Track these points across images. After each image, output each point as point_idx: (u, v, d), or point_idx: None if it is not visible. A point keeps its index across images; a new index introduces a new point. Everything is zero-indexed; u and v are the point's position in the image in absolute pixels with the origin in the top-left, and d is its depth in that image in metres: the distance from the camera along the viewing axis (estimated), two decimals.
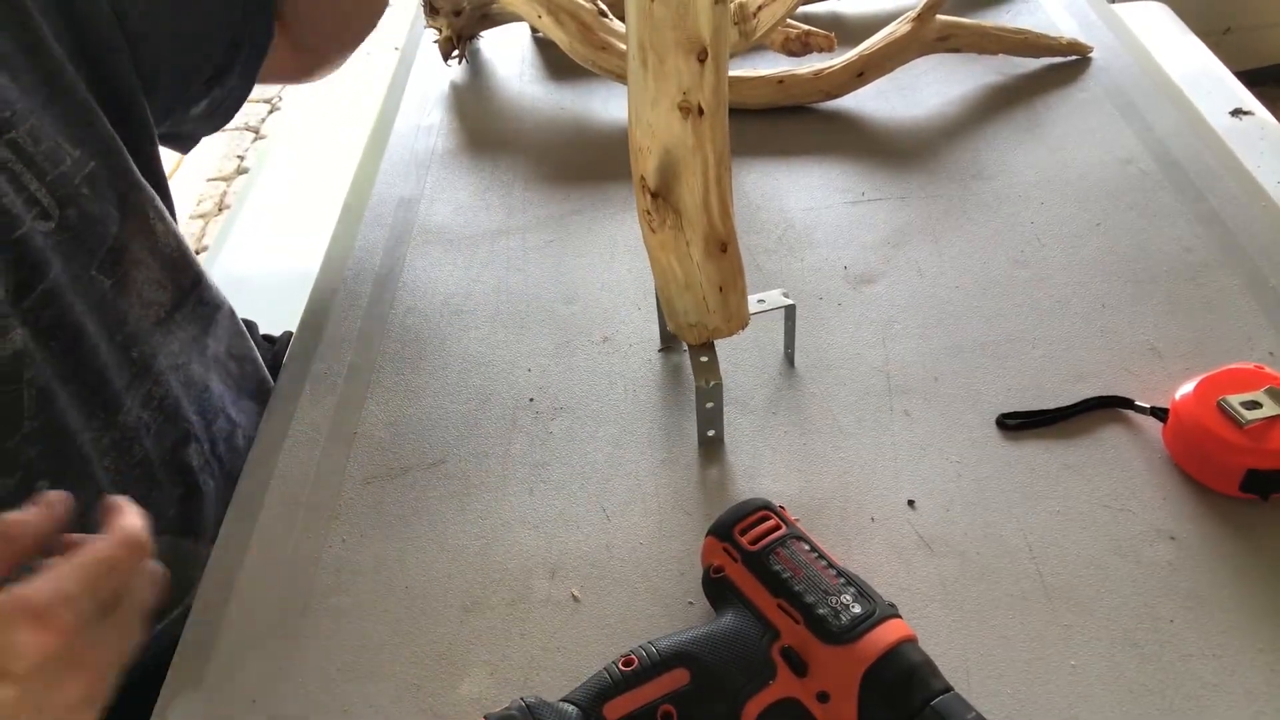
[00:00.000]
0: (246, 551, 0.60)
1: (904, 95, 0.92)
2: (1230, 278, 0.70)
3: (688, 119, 0.51)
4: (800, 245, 0.77)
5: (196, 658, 0.55)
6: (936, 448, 0.61)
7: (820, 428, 0.63)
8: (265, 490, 0.63)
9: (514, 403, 0.67)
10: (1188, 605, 0.52)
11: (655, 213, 0.55)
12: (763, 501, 0.53)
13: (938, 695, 0.43)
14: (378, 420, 0.67)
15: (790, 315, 0.66)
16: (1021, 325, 0.68)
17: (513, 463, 0.63)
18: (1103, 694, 0.49)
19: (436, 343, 0.72)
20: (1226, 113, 0.92)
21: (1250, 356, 0.64)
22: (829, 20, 1.04)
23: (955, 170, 0.83)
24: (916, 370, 0.66)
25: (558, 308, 0.74)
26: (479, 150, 0.93)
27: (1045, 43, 0.93)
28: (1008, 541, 0.56)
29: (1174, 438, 0.59)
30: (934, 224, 0.78)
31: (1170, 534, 0.55)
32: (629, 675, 0.46)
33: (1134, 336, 0.67)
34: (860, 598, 0.47)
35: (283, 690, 0.53)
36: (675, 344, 0.70)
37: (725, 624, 0.48)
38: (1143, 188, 0.79)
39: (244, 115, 2.84)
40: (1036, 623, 0.52)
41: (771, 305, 0.64)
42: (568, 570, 0.57)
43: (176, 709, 0.53)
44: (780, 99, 0.90)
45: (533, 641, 0.54)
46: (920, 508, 0.58)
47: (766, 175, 0.85)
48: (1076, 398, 0.62)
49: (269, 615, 0.56)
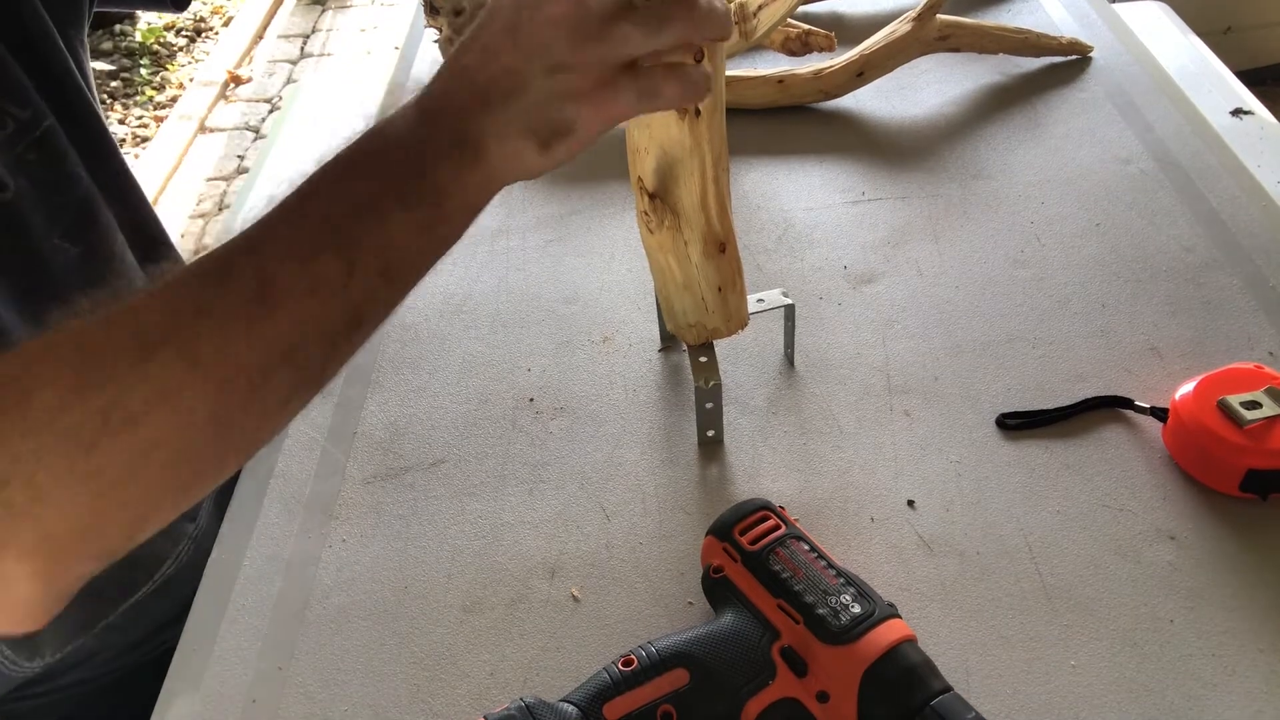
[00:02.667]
0: (246, 551, 0.60)
1: (904, 95, 0.92)
2: (1230, 278, 0.70)
3: (685, 120, 0.51)
4: (800, 245, 0.77)
5: (196, 658, 0.55)
6: (936, 448, 0.61)
7: (820, 428, 0.63)
8: (265, 490, 0.63)
9: (514, 403, 0.67)
10: (1188, 605, 0.52)
11: (653, 213, 0.55)
12: (763, 501, 0.53)
13: (937, 695, 0.43)
14: (378, 420, 0.67)
15: (790, 315, 0.66)
16: (1021, 325, 0.68)
17: (513, 463, 0.63)
18: (1103, 694, 0.49)
19: (436, 343, 0.72)
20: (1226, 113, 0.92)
21: (1250, 356, 0.64)
22: (829, 20, 1.04)
23: (955, 170, 0.83)
24: (916, 370, 0.66)
25: (558, 308, 0.74)
26: None
27: (1045, 43, 0.93)
28: (1008, 541, 0.56)
29: (1174, 437, 0.58)
30: (934, 224, 0.78)
31: (1170, 534, 0.55)
32: (628, 675, 0.46)
33: (1134, 336, 0.67)
34: (860, 598, 0.47)
35: (283, 690, 0.53)
36: (675, 344, 0.70)
37: (725, 624, 0.48)
38: (1143, 188, 0.79)
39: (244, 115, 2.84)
40: (1036, 623, 0.52)
41: (770, 305, 0.64)
42: (567, 570, 0.57)
43: (176, 709, 0.53)
44: (780, 99, 0.90)
45: (532, 641, 0.54)
46: (920, 508, 0.58)
47: (766, 175, 0.85)
48: (1076, 398, 0.62)
49: (269, 615, 0.56)
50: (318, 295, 0.39)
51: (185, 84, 3.01)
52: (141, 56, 3.10)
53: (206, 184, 2.59)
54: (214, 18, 3.34)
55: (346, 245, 0.40)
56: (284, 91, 2.93)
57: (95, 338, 0.37)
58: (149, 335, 0.37)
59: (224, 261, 0.39)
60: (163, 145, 2.68)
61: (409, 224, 0.41)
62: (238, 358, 0.38)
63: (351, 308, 0.40)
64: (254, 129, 2.81)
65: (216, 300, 0.38)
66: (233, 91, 2.98)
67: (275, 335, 0.38)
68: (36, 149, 0.56)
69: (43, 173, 0.56)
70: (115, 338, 0.37)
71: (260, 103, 2.92)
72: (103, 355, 0.36)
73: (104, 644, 0.66)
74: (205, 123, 2.82)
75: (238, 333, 0.38)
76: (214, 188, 2.58)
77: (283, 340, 0.39)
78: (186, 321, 0.37)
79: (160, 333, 0.37)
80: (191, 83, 2.99)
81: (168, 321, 0.37)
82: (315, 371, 0.41)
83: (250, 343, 0.38)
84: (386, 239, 0.41)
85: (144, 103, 2.93)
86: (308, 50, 3.17)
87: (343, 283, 0.40)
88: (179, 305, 0.38)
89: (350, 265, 0.40)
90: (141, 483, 0.37)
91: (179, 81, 3.04)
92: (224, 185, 2.59)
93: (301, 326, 0.39)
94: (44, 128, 0.56)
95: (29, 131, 0.56)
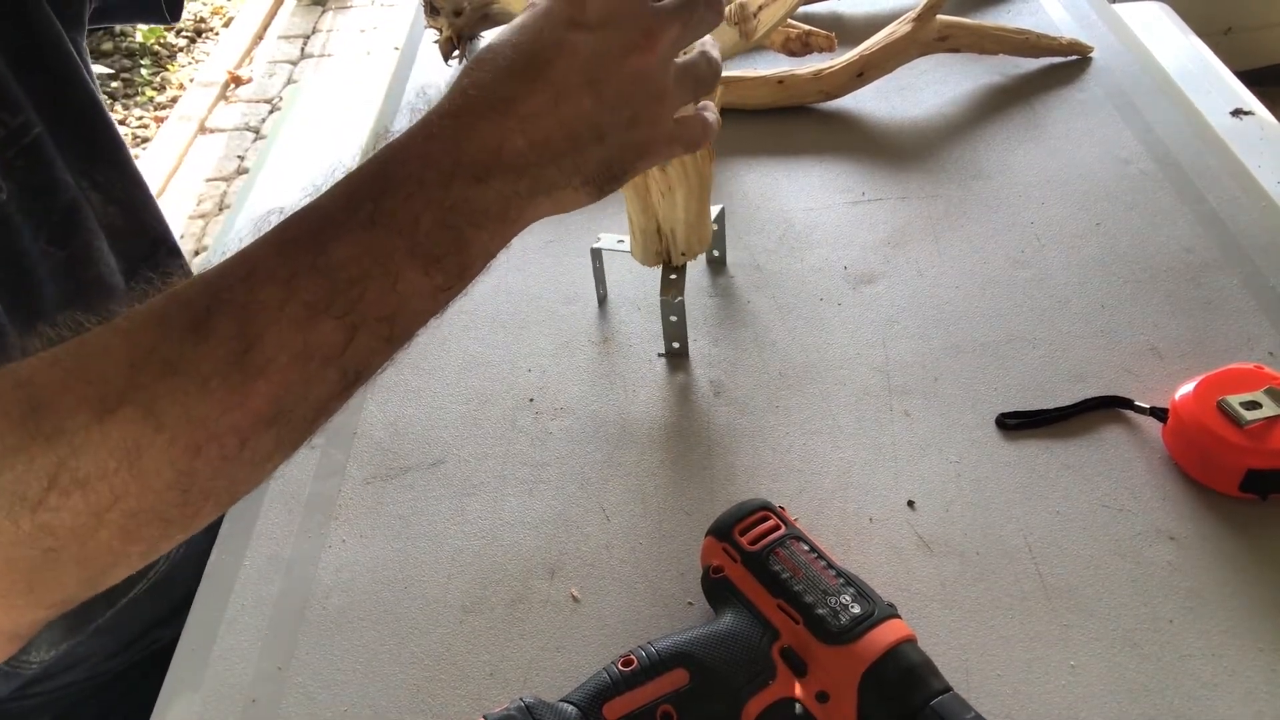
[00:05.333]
0: (246, 551, 0.60)
1: (904, 95, 0.92)
2: (1230, 278, 0.70)
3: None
4: (800, 245, 0.77)
5: (196, 658, 0.55)
6: (936, 448, 0.61)
7: (820, 428, 0.63)
8: (265, 490, 0.63)
9: (514, 403, 0.67)
10: (1188, 605, 0.52)
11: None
12: (762, 502, 0.53)
13: (937, 695, 0.43)
14: (378, 420, 0.67)
15: (720, 218, 0.73)
16: (1021, 325, 0.68)
17: (513, 463, 0.63)
18: (1103, 694, 0.49)
19: (436, 343, 0.72)
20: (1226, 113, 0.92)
21: (1250, 356, 0.64)
22: (829, 20, 1.04)
23: (955, 170, 0.83)
24: (916, 370, 0.66)
25: (558, 308, 0.74)
26: None
27: (1045, 43, 0.93)
28: (1008, 541, 0.56)
29: (1174, 438, 0.58)
30: (934, 224, 0.78)
31: (1170, 534, 0.55)
32: (628, 675, 0.46)
33: (1134, 336, 0.67)
34: (860, 598, 0.47)
35: (283, 690, 0.53)
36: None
37: (725, 624, 0.48)
38: (1143, 188, 0.79)
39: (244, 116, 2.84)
40: (1036, 623, 0.52)
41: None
42: (567, 570, 0.57)
43: (176, 709, 0.53)
44: (780, 99, 0.90)
45: (532, 641, 0.54)
46: (920, 508, 0.58)
47: (766, 175, 0.85)
48: (1076, 398, 0.62)
49: (269, 615, 0.56)
50: (310, 363, 0.35)
51: (185, 85, 3.01)
52: (142, 57, 3.10)
53: (206, 184, 2.60)
54: (214, 18, 3.35)
55: (350, 310, 0.36)
56: (284, 92, 2.93)
57: (47, 388, 0.33)
58: (109, 389, 0.33)
59: (203, 310, 0.34)
60: (163, 146, 2.69)
61: (426, 289, 0.38)
62: (209, 424, 0.34)
63: (348, 372, 0.37)
64: (254, 129, 2.81)
65: (190, 357, 0.33)
66: (233, 92, 2.98)
67: (256, 403, 0.35)
68: (25, 155, 0.55)
69: (30, 178, 0.56)
70: (71, 389, 0.33)
71: (260, 103, 2.92)
72: (55, 408, 0.32)
73: (94, 645, 0.66)
74: (205, 123, 2.82)
75: (212, 397, 0.33)
76: (214, 188, 2.58)
77: (265, 408, 0.35)
78: (152, 378, 0.33)
79: (121, 387, 0.33)
80: (192, 83, 2.99)
81: (131, 375, 0.33)
82: (300, 432, 0.37)
83: (226, 409, 0.34)
84: (398, 304, 0.37)
85: (144, 103, 2.94)
86: (308, 51, 3.17)
87: (341, 349, 0.36)
88: (146, 358, 0.33)
89: (352, 331, 0.36)
90: (97, 541, 0.34)
91: (179, 82, 3.04)
92: (224, 186, 2.59)
93: (288, 394, 0.35)
94: (33, 135, 0.56)
95: (18, 139, 0.55)
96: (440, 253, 0.38)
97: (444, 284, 0.38)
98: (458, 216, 0.38)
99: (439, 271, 0.38)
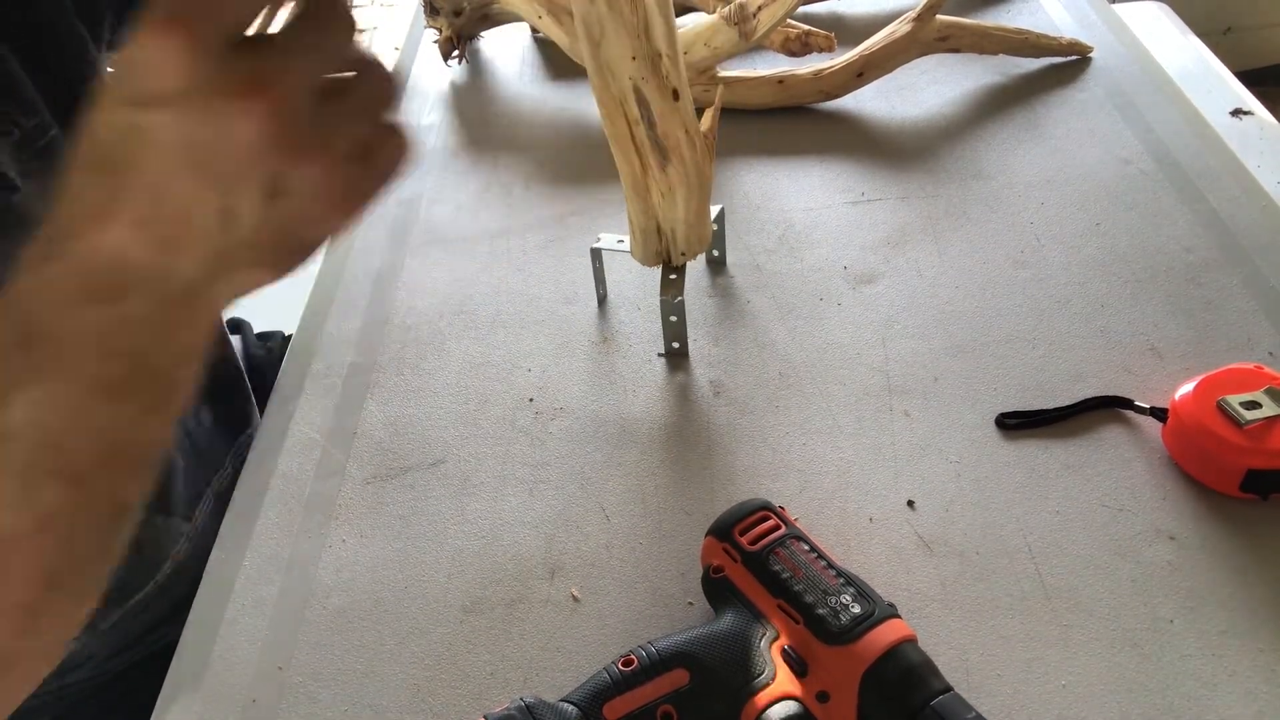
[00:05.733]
0: (246, 551, 0.60)
1: (904, 95, 0.92)
2: (1230, 278, 0.70)
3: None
4: (800, 245, 0.77)
5: (196, 658, 0.55)
6: (936, 448, 0.61)
7: (820, 428, 0.63)
8: (265, 490, 0.63)
9: (514, 403, 0.67)
10: (1188, 605, 0.52)
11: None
12: (762, 501, 0.53)
13: (937, 695, 0.43)
14: (378, 420, 0.67)
15: (720, 218, 0.74)
16: (1021, 325, 0.68)
17: (513, 463, 0.63)
18: (1103, 694, 0.49)
19: (436, 343, 0.72)
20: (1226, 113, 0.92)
21: (1250, 356, 0.64)
22: (829, 20, 1.04)
23: (955, 170, 0.83)
24: (916, 370, 0.66)
25: (558, 308, 0.74)
26: (479, 150, 0.93)
27: (1045, 43, 0.93)
28: (1007, 541, 0.56)
29: (1174, 438, 0.58)
30: (934, 224, 0.78)
31: (1170, 534, 0.55)
32: (628, 675, 0.46)
33: (1134, 336, 0.67)
34: (860, 598, 0.47)
35: (283, 690, 0.53)
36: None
37: (725, 624, 0.48)
38: (1143, 188, 0.79)
39: None
40: (1036, 623, 0.52)
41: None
42: (567, 570, 0.57)
43: (176, 709, 0.53)
44: (780, 99, 0.90)
45: (532, 641, 0.54)
46: (920, 508, 0.58)
47: (766, 175, 0.85)
48: (1076, 398, 0.62)
49: (269, 615, 0.56)
50: (45, 534, 0.32)
51: None
52: None
53: None
54: None
55: (70, 467, 0.32)
56: None
57: None
58: None
59: None
60: None
61: (152, 424, 0.34)
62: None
63: (99, 518, 0.34)
64: None
65: None
66: None
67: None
68: (42, 156, 0.56)
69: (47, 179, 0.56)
70: None
71: None
72: None
73: (95, 645, 0.66)
74: None
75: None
76: None
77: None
78: None
79: None
80: None
81: None
82: (87, 587, 0.34)
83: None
84: (123, 444, 0.33)
85: None
86: None
87: (73, 510, 0.33)
88: None
89: (79, 487, 0.32)
90: None
91: None
92: None
93: (29, 572, 0.32)
94: (49, 137, 0.57)
95: (35, 140, 0.56)
96: (153, 397, 0.34)
97: (166, 410, 0.35)
98: (118, 341, 0.33)
99: (160, 409, 0.34)
